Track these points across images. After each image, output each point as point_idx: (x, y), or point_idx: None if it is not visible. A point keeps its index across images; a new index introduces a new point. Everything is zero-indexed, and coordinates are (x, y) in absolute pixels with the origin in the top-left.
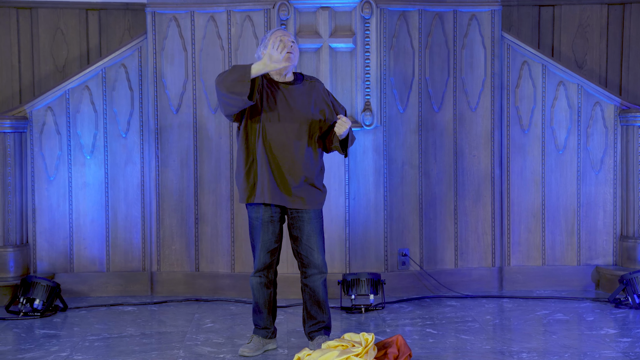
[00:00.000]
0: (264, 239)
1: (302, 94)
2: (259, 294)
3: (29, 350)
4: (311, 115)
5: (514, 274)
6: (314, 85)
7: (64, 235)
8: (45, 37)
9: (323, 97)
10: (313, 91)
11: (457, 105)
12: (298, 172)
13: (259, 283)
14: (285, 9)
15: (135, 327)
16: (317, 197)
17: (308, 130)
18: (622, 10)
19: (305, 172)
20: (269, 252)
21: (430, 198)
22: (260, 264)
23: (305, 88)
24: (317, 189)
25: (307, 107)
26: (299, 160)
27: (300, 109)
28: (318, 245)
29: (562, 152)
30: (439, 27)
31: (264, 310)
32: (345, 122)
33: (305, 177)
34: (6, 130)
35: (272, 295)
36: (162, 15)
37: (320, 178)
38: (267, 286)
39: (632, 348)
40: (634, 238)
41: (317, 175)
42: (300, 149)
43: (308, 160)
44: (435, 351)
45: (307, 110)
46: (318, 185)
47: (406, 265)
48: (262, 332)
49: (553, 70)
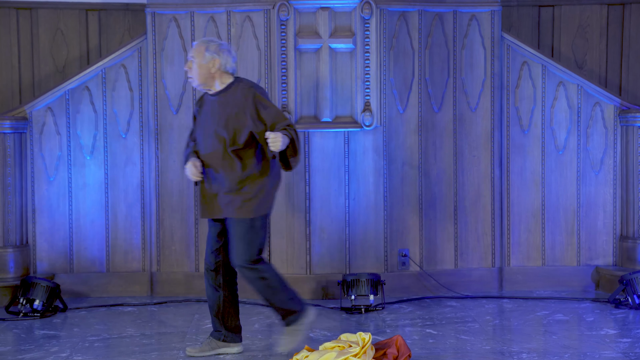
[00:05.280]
0: (208, 240)
1: (222, 104)
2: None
3: (28, 350)
4: (224, 125)
5: (514, 274)
6: (234, 93)
7: (64, 235)
8: (45, 38)
9: (244, 104)
10: (233, 99)
11: (457, 106)
12: (221, 182)
13: (207, 285)
14: (285, 9)
15: (135, 328)
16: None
17: (224, 140)
18: (622, 11)
19: (227, 183)
20: (212, 252)
21: (430, 198)
22: (205, 265)
23: (227, 97)
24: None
25: (223, 117)
26: (220, 170)
27: (218, 119)
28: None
29: (562, 152)
30: (439, 27)
31: (210, 313)
32: (273, 140)
33: (226, 189)
34: (6, 130)
35: (221, 298)
36: (162, 15)
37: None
38: (216, 289)
39: (632, 348)
40: (633, 238)
41: (243, 183)
42: (218, 159)
43: (228, 170)
44: (435, 351)
45: (222, 120)
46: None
47: (406, 266)
48: (214, 333)
49: (553, 70)
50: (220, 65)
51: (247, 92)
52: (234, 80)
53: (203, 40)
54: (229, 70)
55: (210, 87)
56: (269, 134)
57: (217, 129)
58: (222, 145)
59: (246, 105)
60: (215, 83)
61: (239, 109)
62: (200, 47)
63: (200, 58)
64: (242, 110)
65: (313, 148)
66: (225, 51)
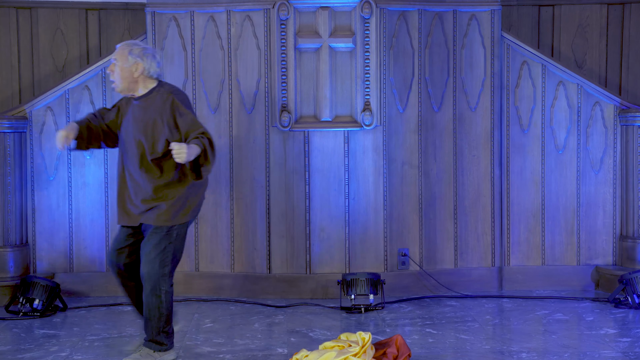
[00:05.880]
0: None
1: (142, 109)
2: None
3: (28, 350)
4: (142, 132)
5: (514, 273)
6: (155, 99)
7: (64, 235)
8: (45, 37)
9: (162, 111)
10: (152, 105)
11: (456, 105)
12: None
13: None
14: (285, 8)
15: (135, 327)
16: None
17: (143, 147)
18: (621, 10)
19: (146, 190)
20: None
21: (430, 198)
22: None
23: (148, 103)
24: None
25: (142, 123)
26: (138, 178)
27: (138, 125)
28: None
29: (561, 152)
30: (439, 27)
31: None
32: (177, 152)
33: (145, 196)
34: (6, 130)
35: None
36: (161, 15)
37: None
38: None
39: (632, 348)
40: (633, 238)
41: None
42: (137, 166)
43: (147, 178)
44: (435, 351)
45: (141, 126)
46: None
47: (406, 265)
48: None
49: (553, 70)
50: (143, 70)
51: (166, 98)
52: (156, 85)
53: (127, 43)
54: (153, 75)
55: (133, 92)
56: (173, 144)
57: (136, 134)
58: (140, 151)
59: (164, 111)
60: (138, 88)
61: (158, 115)
62: (123, 50)
63: (123, 61)
64: (160, 117)
65: (313, 148)
66: (150, 56)
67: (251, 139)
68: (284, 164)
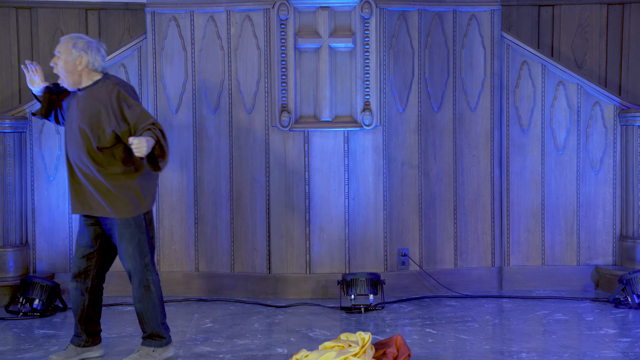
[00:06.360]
0: (80, 244)
1: (87, 100)
2: (73, 300)
3: (28, 350)
4: (87, 123)
5: (514, 273)
6: (99, 90)
7: (64, 235)
8: (45, 37)
9: (108, 102)
10: (97, 96)
11: (456, 105)
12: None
13: (74, 289)
14: (284, 8)
15: (135, 327)
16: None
17: (88, 138)
18: (621, 10)
19: (96, 181)
20: (84, 257)
21: (429, 198)
22: (75, 269)
23: (93, 94)
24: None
25: (87, 114)
26: (85, 169)
27: (82, 116)
28: (128, 249)
29: (561, 152)
30: (439, 27)
31: (75, 317)
32: (137, 146)
33: (96, 187)
34: (6, 130)
35: (86, 302)
36: (161, 15)
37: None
38: (82, 293)
39: (632, 348)
40: (633, 238)
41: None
42: (83, 157)
43: (95, 169)
44: (435, 351)
45: (86, 117)
46: (117, 191)
47: (406, 265)
48: (74, 339)
49: (552, 70)
50: (87, 63)
51: (112, 89)
52: (102, 77)
53: (71, 36)
54: (97, 68)
55: (77, 86)
56: (132, 139)
57: (80, 125)
58: (86, 142)
59: (110, 103)
60: (82, 81)
61: (103, 106)
62: (67, 43)
63: (66, 54)
64: (105, 108)
65: (313, 147)
66: (94, 49)
67: (251, 139)
68: (283, 164)
